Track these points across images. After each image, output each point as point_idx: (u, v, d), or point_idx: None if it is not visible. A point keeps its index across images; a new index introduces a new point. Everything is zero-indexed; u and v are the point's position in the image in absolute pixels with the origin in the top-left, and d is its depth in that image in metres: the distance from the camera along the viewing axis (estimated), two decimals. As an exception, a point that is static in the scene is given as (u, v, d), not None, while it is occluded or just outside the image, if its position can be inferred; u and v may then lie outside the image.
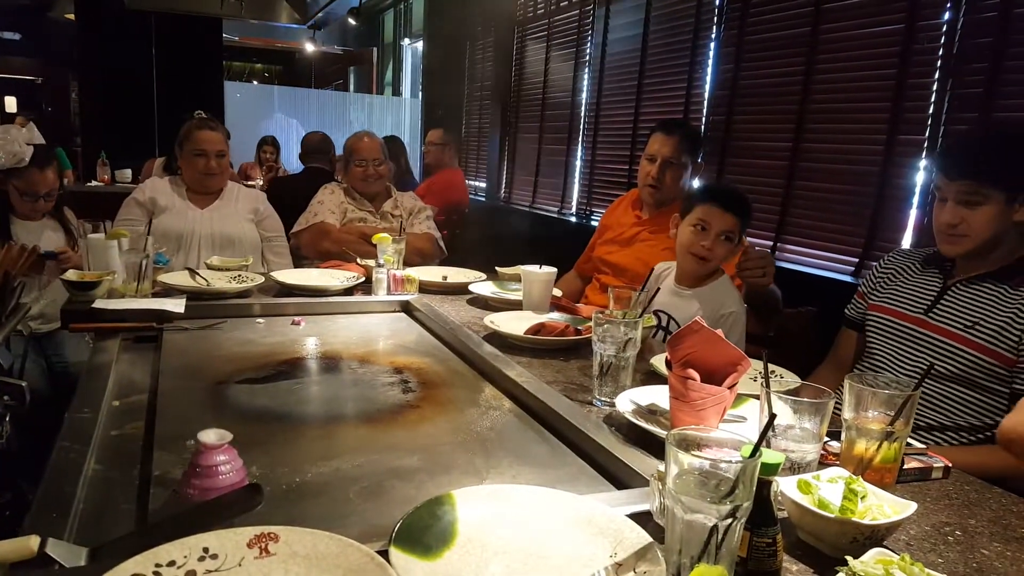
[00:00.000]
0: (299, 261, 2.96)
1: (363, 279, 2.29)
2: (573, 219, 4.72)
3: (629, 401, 1.29)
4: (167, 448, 1.10)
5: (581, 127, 4.71)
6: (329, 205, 2.97)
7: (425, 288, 2.32)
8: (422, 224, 3.03)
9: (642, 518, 0.88)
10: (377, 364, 1.65)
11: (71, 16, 7.84)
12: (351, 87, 11.45)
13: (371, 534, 0.80)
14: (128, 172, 6.13)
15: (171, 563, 0.72)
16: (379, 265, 2.22)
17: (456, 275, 2.51)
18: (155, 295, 1.98)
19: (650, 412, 1.27)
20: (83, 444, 1.07)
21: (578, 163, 4.74)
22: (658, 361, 1.54)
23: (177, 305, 1.84)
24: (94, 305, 1.78)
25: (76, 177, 6.26)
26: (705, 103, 3.56)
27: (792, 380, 1.43)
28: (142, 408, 1.32)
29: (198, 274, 2.17)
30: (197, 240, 2.71)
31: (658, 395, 1.31)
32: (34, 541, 0.76)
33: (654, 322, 1.93)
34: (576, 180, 4.78)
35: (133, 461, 1.10)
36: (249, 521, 0.84)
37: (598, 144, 4.51)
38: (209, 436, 0.96)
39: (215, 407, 1.36)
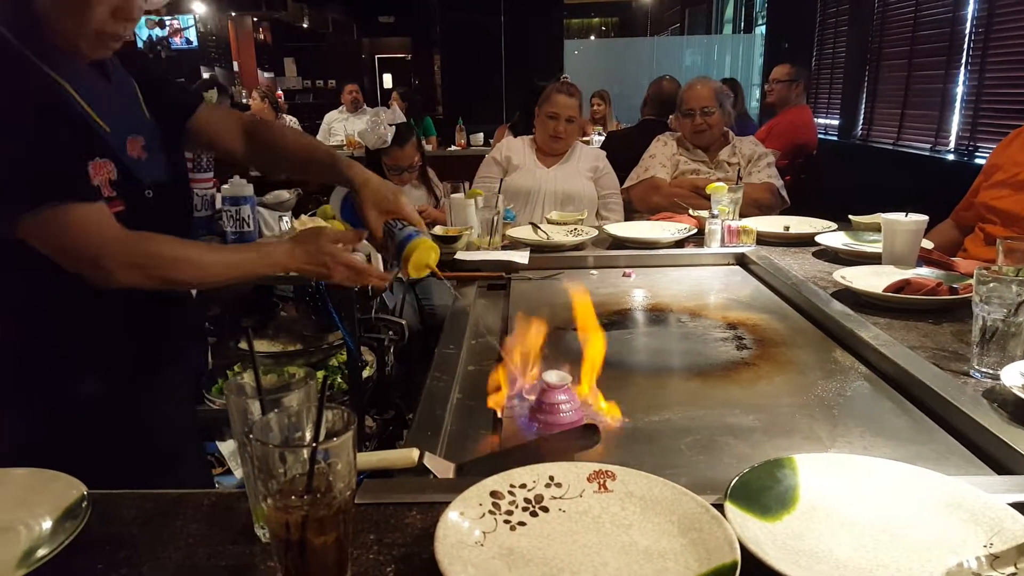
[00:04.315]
0: (630, 214, 3.01)
1: (695, 231, 2.24)
2: (950, 157, 4.02)
3: (1020, 374, 1.08)
4: (516, 385, 1.21)
5: (965, 47, 3.95)
6: (660, 158, 2.96)
7: (764, 239, 2.18)
8: (761, 172, 2.85)
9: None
10: (709, 318, 1.61)
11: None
12: (686, 30, 11.19)
13: (703, 486, 0.78)
14: (480, 136, 6.80)
15: (523, 485, 0.79)
16: (713, 216, 2.15)
17: (800, 225, 2.31)
18: (504, 248, 2.19)
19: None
20: (449, 376, 1.24)
21: (960, 90, 4.00)
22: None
23: (522, 257, 2.01)
24: (456, 256, 2.03)
25: (438, 143, 7.13)
26: None
27: None
28: (495, 348, 1.47)
29: (539, 228, 2.33)
30: (542, 197, 2.92)
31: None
32: (415, 453, 0.90)
33: None
34: (957, 111, 4.04)
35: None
36: (586, 458, 0.89)
37: (987, 66, 3.75)
38: (552, 376, 1.04)
39: (556, 350, 1.45)
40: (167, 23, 9.64)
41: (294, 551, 0.61)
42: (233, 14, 11.04)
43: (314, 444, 0.61)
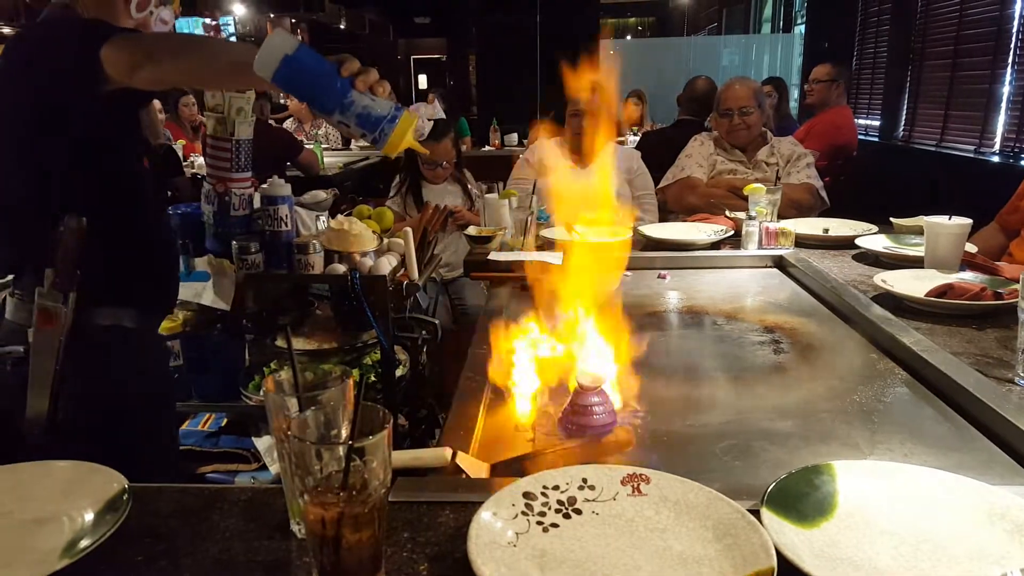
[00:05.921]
0: (665, 215, 2.98)
1: (732, 232, 2.21)
2: (995, 159, 3.91)
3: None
4: (550, 385, 1.21)
5: (1012, 45, 3.84)
6: (697, 158, 2.93)
7: (802, 242, 2.15)
8: (800, 173, 2.81)
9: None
10: (745, 321, 1.59)
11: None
12: (724, 29, 11.07)
13: (738, 492, 0.77)
14: (514, 136, 6.79)
15: (555, 487, 0.79)
16: (750, 217, 2.12)
17: (840, 227, 2.27)
18: (537, 248, 2.18)
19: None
20: (482, 376, 1.23)
21: (1007, 90, 3.88)
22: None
23: (555, 258, 2.00)
24: (490, 257, 2.03)
25: (473, 143, 7.12)
26: None
27: None
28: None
29: (573, 229, 2.32)
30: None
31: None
32: (448, 453, 0.90)
33: None
34: (1003, 111, 3.93)
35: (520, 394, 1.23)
36: (619, 461, 0.88)
37: (1035, 66, 3.65)
38: (585, 378, 1.03)
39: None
40: (208, 25, 9.82)
41: (329, 547, 0.62)
42: (272, 15, 11.21)
43: (350, 442, 0.62)
